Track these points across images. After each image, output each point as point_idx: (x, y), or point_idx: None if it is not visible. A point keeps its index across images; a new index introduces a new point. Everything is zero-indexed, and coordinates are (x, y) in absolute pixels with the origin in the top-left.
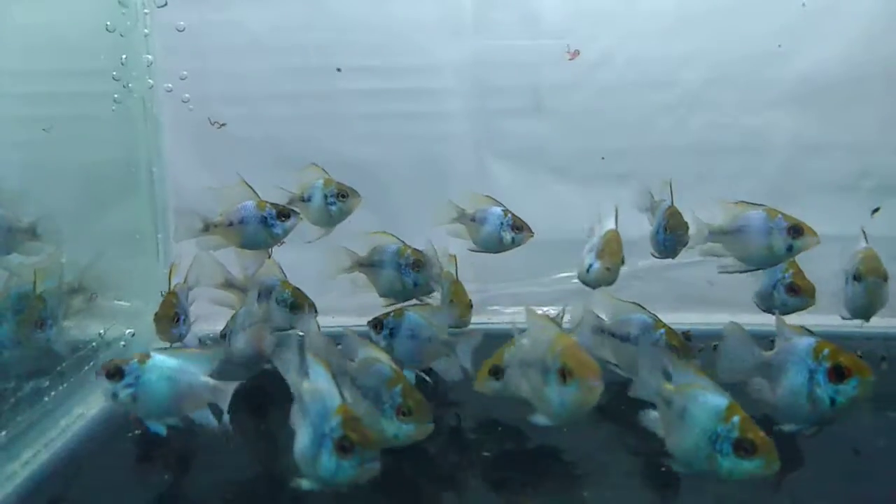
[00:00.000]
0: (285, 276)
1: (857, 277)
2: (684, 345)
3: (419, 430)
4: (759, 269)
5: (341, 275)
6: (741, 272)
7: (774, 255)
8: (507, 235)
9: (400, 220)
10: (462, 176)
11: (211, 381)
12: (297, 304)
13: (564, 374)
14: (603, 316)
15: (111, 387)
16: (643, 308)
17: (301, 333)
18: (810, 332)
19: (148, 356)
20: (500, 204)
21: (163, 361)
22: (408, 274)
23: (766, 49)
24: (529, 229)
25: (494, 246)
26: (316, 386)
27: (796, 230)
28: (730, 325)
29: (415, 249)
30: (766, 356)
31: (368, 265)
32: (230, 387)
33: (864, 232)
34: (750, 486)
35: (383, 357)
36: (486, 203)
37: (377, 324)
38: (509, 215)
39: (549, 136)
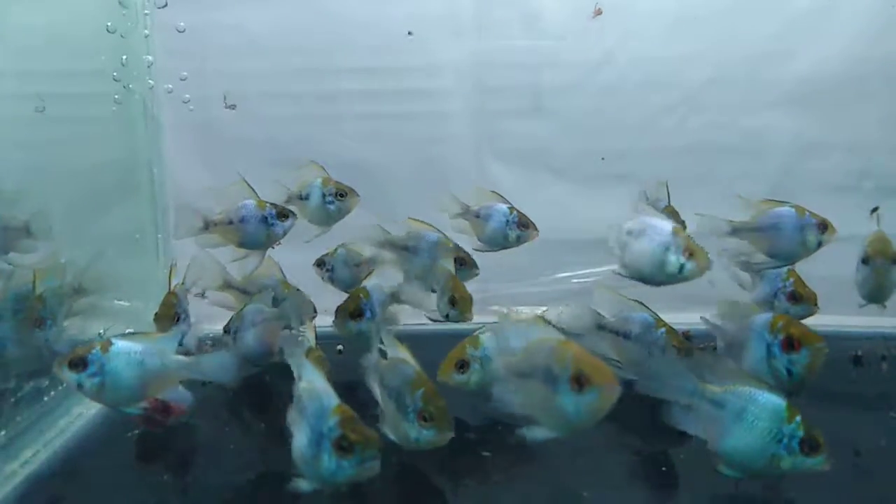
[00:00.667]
0: (285, 276)
1: (865, 260)
2: (685, 344)
3: (439, 437)
4: (787, 266)
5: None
6: (772, 268)
7: (806, 251)
8: (513, 233)
9: (399, 221)
10: (462, 176)
11: (183, 357)
12: None
13: (580, 382)
14: (603, 313)
15: (75, 377)
16: (646, 306)
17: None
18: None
19: (110, 343)
20: (505, 201)
21: (128, 347)
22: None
23: (766, 49)
24: (535, 227)
25: (499, 243)
26: (313, 386)
27: (824, 226)
28: None
29: (456, 245)
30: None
31: (402, 248)
32: (208, 357)
33: (877, 216)
34: (751, 485)
35: (409, 358)
36: (491, 199)
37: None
38: (515, 212)
39: (549, 136)
